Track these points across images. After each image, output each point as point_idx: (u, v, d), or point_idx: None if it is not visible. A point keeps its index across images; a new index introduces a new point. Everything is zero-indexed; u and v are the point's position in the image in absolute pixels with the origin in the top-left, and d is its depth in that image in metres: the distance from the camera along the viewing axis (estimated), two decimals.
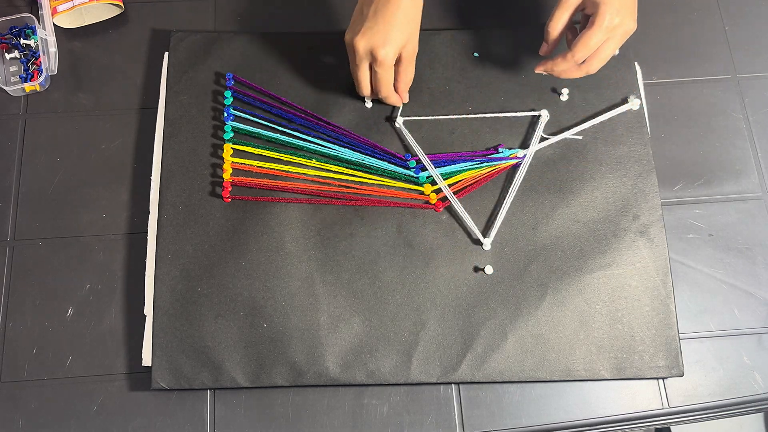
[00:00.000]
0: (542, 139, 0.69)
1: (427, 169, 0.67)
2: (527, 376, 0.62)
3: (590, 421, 0.63)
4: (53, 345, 0.63)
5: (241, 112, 0.68)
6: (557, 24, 0.63)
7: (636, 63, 0.73)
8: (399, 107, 0.69)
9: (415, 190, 0.67)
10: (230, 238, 0.64)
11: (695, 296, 0.66)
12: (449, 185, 0.66)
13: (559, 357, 0.62)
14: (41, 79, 0.70)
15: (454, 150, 0.68)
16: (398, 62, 0.64)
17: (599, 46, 0.61)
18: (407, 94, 0.69)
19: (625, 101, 0.70)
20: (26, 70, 0.71)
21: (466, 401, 0.62)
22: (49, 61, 0.71)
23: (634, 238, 0.66)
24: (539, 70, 0.66)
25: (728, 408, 0.64)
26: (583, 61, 0.63)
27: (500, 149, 0.68)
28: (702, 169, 0.71)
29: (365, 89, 0.66)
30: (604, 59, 0.63)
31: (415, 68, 0.71)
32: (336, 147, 0.68)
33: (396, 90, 0.67)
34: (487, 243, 0.65)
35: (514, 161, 0.68)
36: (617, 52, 0.64)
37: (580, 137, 0.68)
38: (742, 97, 0.74)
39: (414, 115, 0.69)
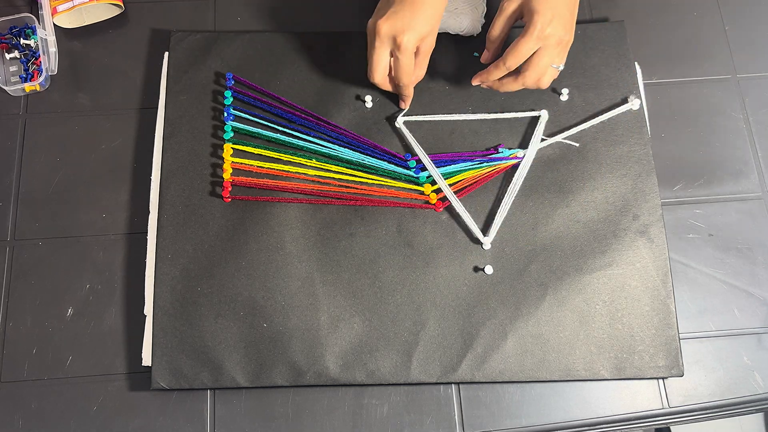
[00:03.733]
0: (543, 140, 0.69)
1: (427, 169, 0.67)
2: (527, 376, 0.62)
3: (590, 421, 0.63)
4: (53, 345, 0.63)
5: (241, 112, 0.68)
6: (496, 31, 0.64)
7: (636, 63, 0.73)
8: (404, 109, 0.69)
9: (415, 190, 0.67)
10: (230, 238, 0.64)
11: (695, 296, 0.66)
12: (449, 185, 0.66)
13: (559, 357, 0.62)
14: (41, 79, 0.70)
15: (454, 150, 0.68)
16: (414, 55, 0.63)
17: (534, 56, 0.61)
18: (412, 90, 0.67)
19: (625, 101, 0.70)
20: (26, 70, 0.71)
21: (466, 401, 0.62)
22: (49, 61, 0.71)
23: (634, 238, 0.66)
24: (476, 82, 0.66)
25: (728, 408, 0.64)
26: (521, 73, 0.62)
27: (500, 149, 0.68)
28: (702, 169, 0.71)
29: (379, 76, 0.64)
30: (540, 70, 0.62)
31: None
32: (336, 147, 0.68)
33: None
34: (487, 243, 0.65)
35: (514, 161, 0.68)
36: (560, 66, 0.63)
37: (577, 144, 0.68)
38: (742, 97, 0.74)
39: (414, 115, 0.69)
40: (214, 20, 0.75)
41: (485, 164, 0.67)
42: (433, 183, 0.67)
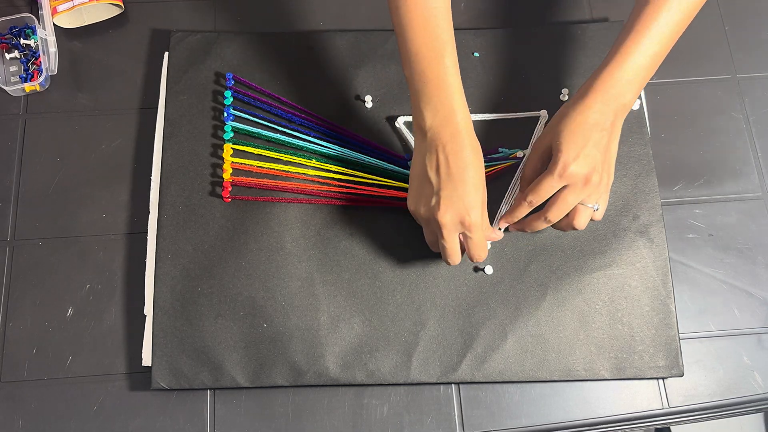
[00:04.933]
0: None
1: None
2: (527, 376, 0.62)
3: (590, 421, 0.63)
4: (53, 345, 0.63)
5: (241, 112, 0.68)
6: (528, 171, 0.60)
7: None
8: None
9: None
10: (230, 238, 0.64)
11: (695, 296, 0.66)
12: None
13: (559, 357, 0.62)
14: (41, 79, 0.70)
15: None
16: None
17: (558, 195, 0.56)
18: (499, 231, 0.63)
19: None
20: (26, 70, 0.71)
21: (466, 401, 0.62)
22: (49, 61, 0.71)
23: (634, 238, 0.66)
24: (502, 225, 0.62)
25: (728, 408, 0.64)
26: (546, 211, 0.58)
27: (500, 149, 0.68)
28: (702, 169, 0.71)
29: (458, 258, 0.58)
30: (563, 209, 0.57)
31: None
32: (336, 147, 0.68)
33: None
34: (487, 243, 0.65)
35: (514, 161, 0.68)
36: (597, 207, 0.58)
37: None
38: (742, 97, 0.74)
39: None
40: (214, 20, 0.75)
41: (485, 164, 0.67)
42: None
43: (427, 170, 0.56)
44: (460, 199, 0.55)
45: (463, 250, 0.59)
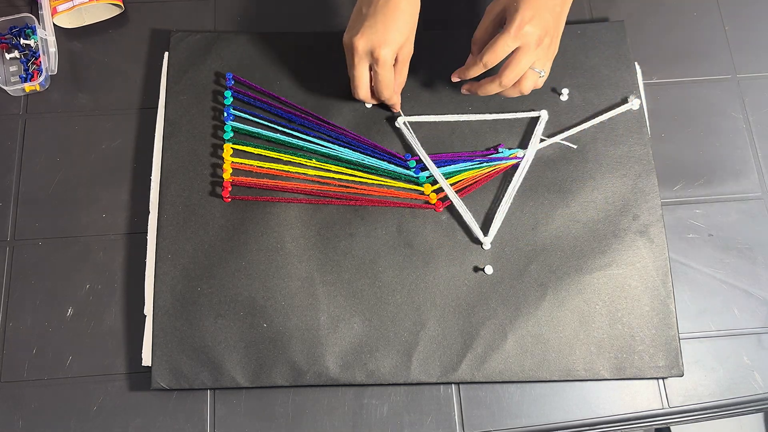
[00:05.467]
0: (541, 141, 0.69)
1: (427, 169, 0.67)
2: (527, 376, 0.62)
3: (590, 421, 0.63)
4: (53, 345, 0.63)
5: (241, 112, 0.68)
6: (480, 33, 0.64)
7: (636, 63, 0.73)
8: (398, 112, 0.69)
9: (415, 190, 0.67)
10: (230, 238, 0.64)
11: (695, 296, 0.66)
12: (449, 185, 0.66)
13: (559, 357, 0.62)
14: (41, 79, 0.70)
15: (454, 150, 0.68)
16: (394, 63, 0.63)
17: (513, 56, 0.60)
18: (399, 98, 0.68)
19: (625, 101, 0.70)
20: (26, 70, 0.71)
21: (466, 401, 0.62)
22: (49, 61, 0.71)
23: (634, 238, 0.66)
24: (455, 79, 0.65)
25: (728, 408, 0.64)
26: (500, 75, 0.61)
27: (500, 149, 0.68)
28: (702, 169, 0.71)
29: (362, 91, 0.65)
30: (517, 71, 0.60)
31: (415, 68, 0.71)
32: (336, 147, 0.68)
33: None
34: (487, 243, 0.65)
35: (514, 161, 0.68)
36: (542, 73, 0.62)
37: (575, 146, 0.68)
38: (742, 97, 0.74)
39: (414, 115, 0.69)
40: (214, 20, 0.75)
41: (485, 164, 0.67)
42: (433, 183, 0.67)
43: (362, 3, 0.62)
44: (378, 33, 0.60)
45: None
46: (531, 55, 0.60)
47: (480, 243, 0.65)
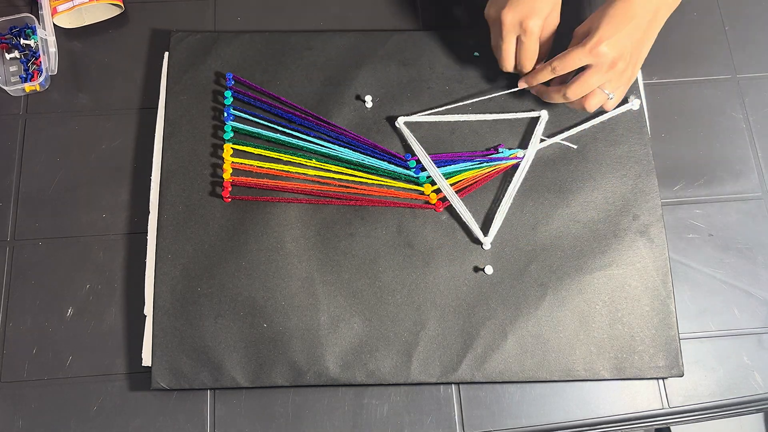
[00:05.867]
0: (542, 141, 0.69)
1: (426, 169, 0.67)
2: (527, 376, 0.62)
3: (590, 421, 0.63)
4: (53, 345, 0.63)
5: (241, 112, 0.68)
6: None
7: None
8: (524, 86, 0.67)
9: (415, 190, 0.67)
10: (230, 238, 0.64)
11: (695, 296, 0.66)
12: (449, 185, 0.66)
13: (559, 357, 0.62)
14: (41, 79, 0.70)
15: (454, 150, 0.68)
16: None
17: (583, 71, 0.60)
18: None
19: (625, 101, 0.70)
20: (26, 70, 0.71)
21: (466, 401, 0.62)
22: (49, 61, 0.71)
23: (634, 238, 0.66)
24: (522, 85, 0.67)
25: (728, 408, 0.64)
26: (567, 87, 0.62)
27: (500, 149, 0.68)
28: (702, 169, 0.71)
29: (510, 63, 0.65)
30: (584, 87, 0.61)
31: (415, 68, 0.71)
32: (336, 147, 0.68)
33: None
34: (487, 243, 0.65)
35: (514, 161, 0.68)
36: (612, 96, 0.62)
37: (575, 146, 0.68)
38: (742, 97, 0.74)
39: (414, 115, 0.69)
40: (214, 20, 0.75)
41: (485, 164, 0.67)
42: (433, 183, 0.67)
43: None
44: (526, 3, 0.60)
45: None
46: (601, 76, 0.60)
47: (480, 243, 0.65)
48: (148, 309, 0.63)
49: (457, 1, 0.77)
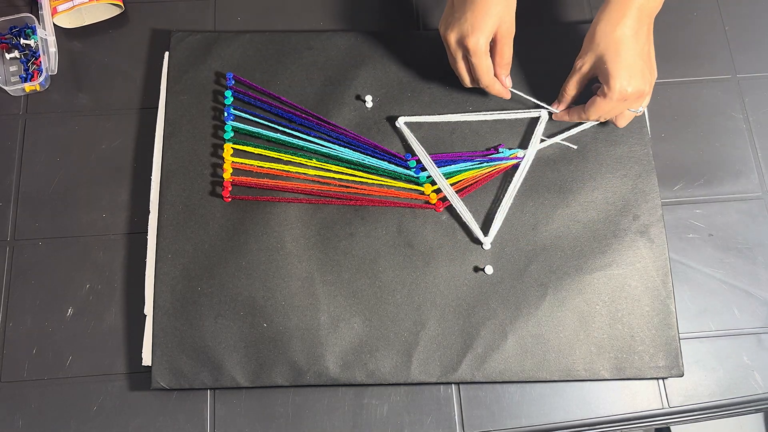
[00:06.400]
0: (542, 141, 0.69)
1: (427, 169, 0.67)
2: (527, 376, 0.62)
3: (590, 421, 0.63)
4: (53, 345, 0.63)
5: (242, 111, 0.68)
6: (571, 90, 0.66)
7: None
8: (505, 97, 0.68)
9: (415, 190, 0.67)
10: (230, 238, 0.64)
11: (695, 296, 0.66)
12: (449, 185, 0.66)
13: (559, 357, 0.62)
14: (41, 79, 0.70)
15: (454, 150, 0.68)
16: (494, 44, 0.63)
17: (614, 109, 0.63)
18: (510, 79, 0.67)
19: None
20: (26, 70, 0.71)
21: (466, 401, 0.62)
22: (49, 61, 0.71)
23: (634, 238, 0.66)
24: (556, 118, 0.69)
25: (728, 408, 0.64)
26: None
27: (500, 149, 0.68)
28: (702, 169, 0.71)
29: (466, 80, 0.66)
30: (625, 119, 0.66)
31: (415, 68, 0.71)
32: (336, 147, 0.68)
33: (496, 75, 0.65)
34: (487, 243, 0.65)
35: (514, 161, 0.68)
36: (640, 111, 0.65)
37: (575, 146, 0.68)
38: (742, 97, 0.74)
39: (414, 115, 0.69)
40: (214, 20, 0.75)
41: (485, 164, 0.67)
42: (433, 183, 0.67)
43: None
44: (467, 23, 0.59)
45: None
46: (631, 105, 0.63)
47: (480, 243, 0.65)
48: (148, 309, 0.63)
49: None
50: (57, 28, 0.73)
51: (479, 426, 0.62)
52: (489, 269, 0.64)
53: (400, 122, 0.69)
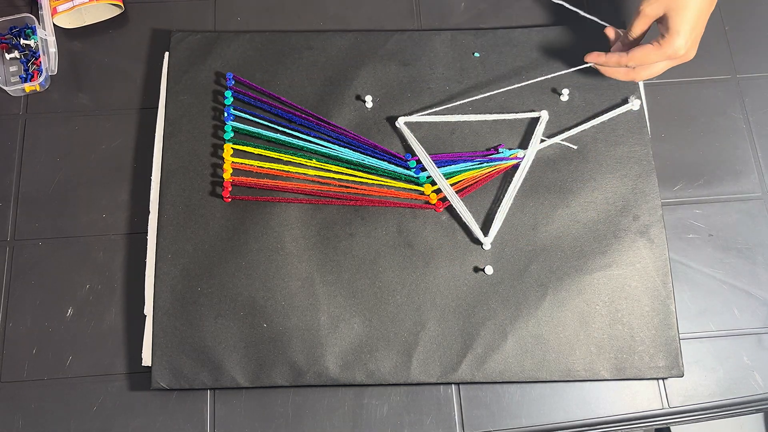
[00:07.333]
0: (542, 141, 0.69)
1: (427, 169, 0.67)
2: (527, 377, 0.62)
3: (590, 421, 0.63)
4: (53, 345, 0.63)
5: (242, 112, 0.68)
6: (635, 33, 0.65)
7: None
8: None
9: (415, 190, 0.67)
10: (230, 238, 0.64)
11: (695, 296, 0.66)
12: (449, 185, 0.66)
13: (559, 357, 0.62)
14: (41, 79, 0.70)
15: (454, 150, 0.68)
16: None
17: (657, 64, 0.63)
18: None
19: (625, 101, 0.70)
20: (26, 70, 0.71)
21: (466, 401, 0.62)
22: (49, 61, 0.71)
23: (634, 238, 0.66)
24: (590, 60, 0.67)
25: (728, 408, 0.64)
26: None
27: (500, 149, 0.68)
28: (702, 169, 0.71)
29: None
30: (654, 73, 0.65)
31: (415, 68, 0.71)
32: (336, 147, 0.68)
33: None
34: (487, 243, 0.65)
35: (514, 161, 0.68)
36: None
37: (575, 147, 0.68)
38: (742, 97, 0.74)
39: (414, 115, 0.69)
40: (214, 20, 0.75)
41: (485, 164, 0.67)
42: (433, 183, 0.67)
43: None
44: None
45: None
46: (674, 63, 0.63)
47: (480, 243, 0.65)
48: (148, 309, 0.63)
49: (456, 1, 0.77)
50: (57, 28, 0.73)
51: (479, 426, 0.62)
52: (489, 269, 0.64)
53: (400, 122, 0.69)
